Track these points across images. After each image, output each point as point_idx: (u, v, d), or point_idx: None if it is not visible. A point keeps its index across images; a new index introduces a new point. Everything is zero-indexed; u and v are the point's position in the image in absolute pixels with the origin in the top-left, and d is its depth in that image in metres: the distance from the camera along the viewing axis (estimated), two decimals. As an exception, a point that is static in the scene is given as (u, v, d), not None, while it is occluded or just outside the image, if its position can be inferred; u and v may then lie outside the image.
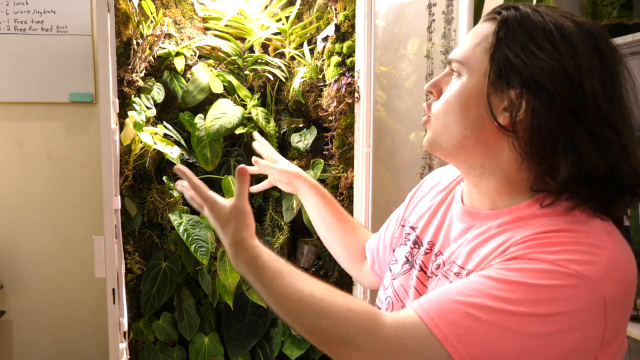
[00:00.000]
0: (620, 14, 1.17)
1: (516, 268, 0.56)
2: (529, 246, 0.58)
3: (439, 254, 0.74)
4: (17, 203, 1.97)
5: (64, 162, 2.00)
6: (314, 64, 2.01)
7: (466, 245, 0.68)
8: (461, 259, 0.67)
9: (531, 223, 0.61)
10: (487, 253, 0.63)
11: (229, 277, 1.87)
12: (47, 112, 1.97)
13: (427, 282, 0.74)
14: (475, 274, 0.60)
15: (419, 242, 0.80)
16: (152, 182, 1.94)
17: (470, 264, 0.65)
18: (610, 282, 0.55)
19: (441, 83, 0.70)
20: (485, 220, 0.68)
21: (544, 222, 0.61)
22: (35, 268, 2.00)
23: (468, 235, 0.69)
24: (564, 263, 0.55)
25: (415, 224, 0.84)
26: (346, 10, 1.87)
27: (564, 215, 0.60)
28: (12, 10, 1.90)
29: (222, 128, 1.89)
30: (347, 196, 1.93)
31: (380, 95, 1.83)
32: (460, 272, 0.66)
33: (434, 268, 0.73)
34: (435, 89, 0.71)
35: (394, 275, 0.82)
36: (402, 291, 0.79)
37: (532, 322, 0.54)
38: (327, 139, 1.97)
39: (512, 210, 0.65)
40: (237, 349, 1.98)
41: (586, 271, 0.54)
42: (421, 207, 0.85)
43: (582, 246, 0.56)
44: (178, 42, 2.01)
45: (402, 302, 0.78)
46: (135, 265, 1.90)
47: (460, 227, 0.72)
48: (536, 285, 0.54)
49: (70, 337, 2.05)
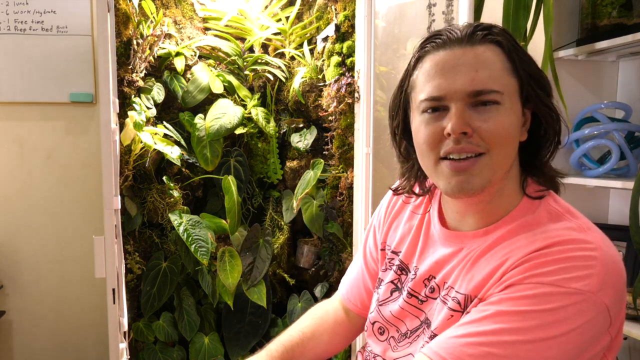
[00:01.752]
0: (620, 14, 1.17)
1: (520, 297, 0.58)
2: (525, 269, 0.60)
3: (431, 279, 0.74)
4: (17, 203, 1.97)
5: (64, 162, 2.00)
6: (314, 64, 2.01)
7: (458, 267, 0.69)
8: (457, 283, 0.68)
9: (520, 238, 0.64)
10: (484, 277, 0.64)
11: (229, 277, 1.87)
12: (47, 112, 1.97)
13: (422, 306, 0.74)
14: (481, 309, 0.61)
15: (405, 267, 0.80)
16: (152, 182, 1.94)
17: (467, 289, 0.66)
18: (608, 289, 0.58)
19: (468, 119, 0.65)
20: (472, 240, 0.70)
21: (530, 236, 0.64)
22: (35, 268, 2.00)
23: (458, 257, 0.70)
24: (563, 283, 0.57)
25: (397, 248, 0.83)
26: (346, 11, 1.87)
27: (545, 213, 0.67)
28: (12, 10, 1.90)
29: (222, 128, 1.89)
30: (347, 196, 1.93)
31: (380, 95, 1.83)
32: (457, 297, 0.67)
33: (429, 292, 0.74)
34: (468, 127, 0.65)
35: (380, 301, 0.82)
36: (393, 317, 0.78)
37: (547, 347, 0.56)
38: (327, 139, 1.97)
39: (499, 225, 0.68)
40: (237, 349, 1.98)
41: (585, 286, 0.57)
42: (399, 229, 0.84)
43: (575, 261, 0.59)
44: (178, 42, 2.01)
45: (395, 326, 0.78)
46: (135, 265, 1.90)
47: (449, 250, 0.73)
48: (543, 311, 0.57)
49: (70, 337, 2.05)
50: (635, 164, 1.19)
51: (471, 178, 0.65)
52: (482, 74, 0.64)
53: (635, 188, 0.95)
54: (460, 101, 0.64)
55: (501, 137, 0.64)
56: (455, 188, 0.66)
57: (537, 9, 1.15)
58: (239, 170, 2.01)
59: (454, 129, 0.64)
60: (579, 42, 1.26)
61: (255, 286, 1.94)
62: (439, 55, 0.67)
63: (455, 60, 0.65)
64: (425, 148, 0.69)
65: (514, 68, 0.66)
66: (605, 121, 1.21)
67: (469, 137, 0.64)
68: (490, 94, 0.64)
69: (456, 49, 0.66)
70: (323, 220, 1.95)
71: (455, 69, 0.65)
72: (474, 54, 0.65)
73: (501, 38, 0.66)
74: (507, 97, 0.65)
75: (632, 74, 1.33)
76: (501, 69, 0.65)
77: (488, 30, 0.67)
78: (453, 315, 0.66)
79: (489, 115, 0.64)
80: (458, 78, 0.65)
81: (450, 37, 0.67)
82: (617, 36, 1.12)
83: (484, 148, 0.64)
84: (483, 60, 0.65)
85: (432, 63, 0.67)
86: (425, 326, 0.73)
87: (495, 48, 0.66)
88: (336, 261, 1.97)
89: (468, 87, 0.64)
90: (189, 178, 2.02)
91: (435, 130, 0.67)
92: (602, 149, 1.29)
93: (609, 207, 1.38)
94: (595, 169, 1.21)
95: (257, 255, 1.97)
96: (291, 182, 2.08)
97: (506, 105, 0.64)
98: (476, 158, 0.65)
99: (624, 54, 1.26)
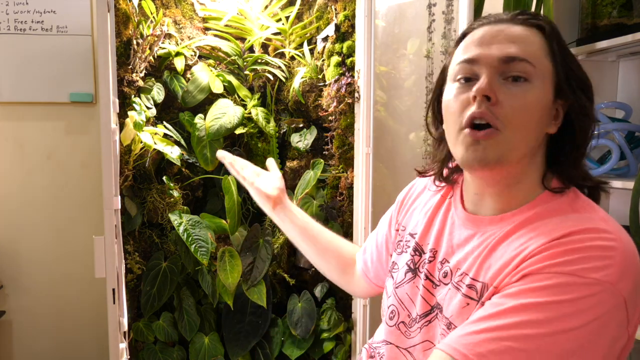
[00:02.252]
0: (620, 14, 1.17)
1: (539, 287, 0.57)
2: (544, 258, 0.59)
3: (444, 262, 0.74)
4: (17, 203, 1.97)
5: (64, 162, 2.00)
6: (314, 64, 2.01)
7: (474, 254, 0.68)
8: (473, 270, 0.67)
9: (539, 226, 0.63)
10: (501, 266, 0.63)
11: (229, 277, 1.87)
12: (47, 112, 1.97)
13: (434, 291, 0.74)
14: (498, 301, 0.60)
15: (420, 249, 0.80)
16: (152, 182, 1.94)
17: (483, 276, 0.65)
18: (627, 281, 0.57)
19: (496, 89, 0.64)
20: (489, 225, 0.70)
21: (550, 224, 0.62)
22: (35, 268, 2.00)
23: (473, 243, 0.70)
24: (582, 273, 0.56)
25: (413, 230, 0.83)
26: (346, 10, 1.87)
27: (566, 205, 0.66)
28: (12, 10, 1.90)
29: (222, 128, 1.89)
30: (347, 196, 1.93)
31: (380, 95, 1.83)
32: (474, 284, 0.66)
33: (442, 276, 0.73)
34: (493, 93, 0.64)
35: (397, 284, 0.81)
36: (408, 299, 0.78)
37: (567, 339, 0.55)
38: (327, 139, 1.97)
39: (516, 213, 0.67)
40: (237, 349, 1.98)
41: (605, 277, 0.56)
42: (417, 212, 0.85)
43: (595, 251, 0.57)
44: (178, 42, 2.01)
45: (407, 311, 0.78)
46: (135, 265, 1.90)
47: (465, 234, 0.72)
48: (562, 302, 0.56)
49: (70, 337, 2.05)
50: (635, 164, 1.19)
51: (486, 149, 0.65)
52: (518, 45, 0.64)
53: (635, 188, 0.95)
54: (491, 67, 0.65)
55: (521, 116, 0.63)
56: (471, 157, 0.66)
57: (537, 9, 1.15)
58: (239, 170, 2.00)
59: (479, 89, 0.64)
60: (579, 42, 1.26)
61: (255, 286, 1.94)
62: (481, 30, 0.68)
63: (494, 33, 0.66)
64: (451, 115, 0.69)
65: (552, 53, 0.65)
66: (605, 121, 1.21)
67: (492, 105, 0.64)
68: (522, 62, 0.63)
69: (499, 25, 0.67)
70: (323, 220, 1.95)
71: (493, 40, 0.66)
72: (515, 29, 0.66)
73: (544, 24, 0.67)
74: (539, 76, 0.64)
75: (632, 74, 1.33)
76: (538, 49, 0.65)
77: (533, 17, 0.68)
78: (469, 303, 0.65)
79: (517, 91, 0.64)
80: (494, 47, 0.65)
81: (495, 17, 0.69)
82: (617, 36, 1.12)
83: (500, 124, 0.64)
84: (522, 37, 0.65)
85: (474, 36, 0.69)
86: (437, 311, 0.72)
87: (537, 32, 0.66)
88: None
89: (502, 52, 0.64)
90: (189, 178, 2.02)
91: (464, 97, 0.67)
92: (602, 149, 1.29)
93: (609, 207, 1.38)
94: (595, 169, 1.21)
95: (257, 255, 1.97)
96: (291, 182, 2.08)
97: (536, 84, 0.64)
98: (493, 130, 0.64)
99: (624, 54, 1.26)
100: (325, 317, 1.95)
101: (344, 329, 1.94)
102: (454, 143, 0.69)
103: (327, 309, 1.97)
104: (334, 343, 1.94)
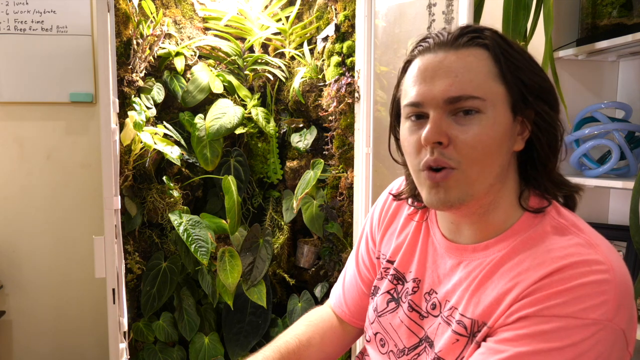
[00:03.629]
0: (620, 14, 1.17)
1: (537, 332, 0.56)
2: (537, 300, 0.58)
3: (432, 293, 0.72)
4: (17, 203, 1.97)
5: (64, 162, 2.00)
6: (314, 64, 2.01)
7: (462, 286, 0.67)
8: (462, 305, 0.66)
9: (525, 257, 0.62)
10: (491, 302, 0.62)
11: (229, 277, 1.87)
12: (47, 112, 1.97)
13: (422, 323, 0.72)
14: (496, 348, 0.59)
15: (401, 277, 0.78)
16: (152, 182, 1.94)
17: (472, 312, 0.64)
18: (623, 313, 0.57)
19: (446, 128, 0.62)
20: (473, 254, 0.68)
21: (536, 254, 0.61)
22: (35, 268, 2.00)
23: (460, 274, 0.68)
24: (580, 314, 0.55)
25: (392, 257, 0.81)
26: (346, 10, 1.87)
27: (550, 227, 0.63)
28: (12, 10, 1.90)
29: (222, 128, 1.89)
30: (347, 196, 1.93)
31: (380, 95, 1.83)
32: (462, 320, 0.65)
33: (430, 308, 0.71)
34: (444, 136, 0.61)
35: (379, 312, 0.80)
36: (392, 331, 0.77)
37: None
38: (327, 139, 1.97)
39: (500, 239, 0.66)
40: (237, 349, 1.98)
41: (602, 315, 0.55)
42: (394, 238, 0.82)
43: (589, 288, 0.56)
44: (178, 42, 2.01)
45: (394, 341, 0.76)
46: (135, 265, 1.90)
47: (450, 263, 0.71)
48: (564, 348, 0.55)
49: (70, 337, 2.05)
50: (635, 164, 1.19)
51: (447, 191, 0.63)
52: (462, 78, 0.61)
53: (635, 188, 0.95)
54: (438, 109, 0.62)
55: (477, 151, 0.61)
56: (434, 200, 0.64)
57: (537, 9, 1.15)
58: (239, 170, 2.01)
59: (425, 138, 0.62)
60: (579, 42, 1.26)
61: (255, 286, 1.94)
62: (423, 59, 0.65)
63: (436, 65, 0.63)
64: (408, 156, 0.67)
65: (501, 74, 0.62)
66: (605, 121, 1.21)
67: (444, 148, 0.61)
68: (469, 100, 0.60)
69: (439, 53, 0.63)
70: (323, 220, 1.95)
71: (435, 74, 0.62)
72: (456, 58, 0.62)
73: (489, 41, 0.62)
74: (491, 104, 0.61)
75: (632, 74, 1.33)
76: (485, 74, 0.61)
77: (477, 33, 0.63)
78: (459, 339, 0.64)
79: (470, 125, 0.61)
80: (437, 84, 0.62)
81: (435, 41, 0.64)
82: (617, 36, 1.11)
83: (455, 163, 0.61)
84: (465, 64, 0.61)
85: (416, 68, 0.65)
86: (426, 344, 0.71)
87: (482, 52, 0.62)
88: (336, 261, 1.97)
89: (445, 93, 0.61)
90: (189, 178, 2.02)
91: (417, 139, 0.64)
92: (602, 149, 1.29)
93: (609, 207, 1.38)
94: (595, 169, 1.21)
95: (257, 255, 1.97)
96: (291, 182, 2.08)
97: (489, 115, 0.61)
98: (449, 171, 0.62)
99: (624, 54, 1.26)
100: (325, 317, 1.95)
101: (344, 329, 1.94)
102: (417, 182, 0.68)
103: (327, 309, 1.97)
104: (334, 343, 1.94)
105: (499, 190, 0.66)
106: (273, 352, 0.84)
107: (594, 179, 1.20)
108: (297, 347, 0.86)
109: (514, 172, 0.67)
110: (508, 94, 0.62)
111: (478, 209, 0.66)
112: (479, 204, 0.66)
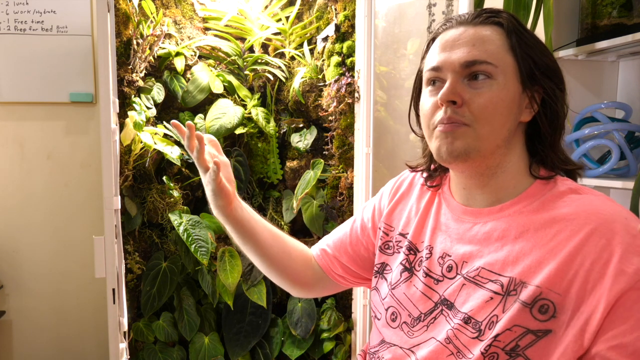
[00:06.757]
0: (620, 14, 1.17)
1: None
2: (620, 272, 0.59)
3: (444, 257, 0.74)
4: (17, 203, 1.97)
5: (64, 162, 2.00)
6: (314, 64, 2.01)
7: (486, 246, 0.69)
8: (496, 264, 0.67)
9: (561, 219, 0.65)
10: (533, 263, 0.64)
11: (229, 277, 1.87)
12: (47, 112, 1.97)
13: (437, 287, 0.74)
14: (624, 314, 0.59)
15: (414, 247, 0.81)
16: (152, 182, 1.94)
17: (510, 271, 0.66)
18: None
19: (460, 90, 0.68)
20: (489, 216, 0.71)
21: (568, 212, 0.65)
22: (35, 268, 2.00)
23: (478, 236, 0.71)
24: None
25: (404, 230, 0.84)
26: (346, 10, 1.87)
27: (564, 187, 0.69)
28: (12, 10, 1.90)
29: (222, 128, 1.89)
30: (347, 196, 1.93)
31: (380, 95, 1.83)
32: (498, 279, 0.66)
33: (445, 271, 0.74)
34: (458, 97, 0.68)
35: (392, 285, 0.82)
36: (406, 299, 0.78)
37: None
38: (327, 139, 1.97)
39: (515, 202, 0.70)
40: (237, 349, 1.98)
41: None
42: (404, 212, 0.85)
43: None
44: (178, 42, 2.01)
45: (407, 310, 0.78)
46: (135, 265, 1.90)
47: (463, 227, 0.74)
48: None
49: (70, 337, 2.05)
50: (635, 164, 1.19)
51: (454, 141, 0.68)
52: (478, 47, 0.68)
53: (635, 188, 0.95)
54: (454, 72, 0.69)
55: (488, 111, 0.67)
56: (442, 150, 0.69)
57: (537, 9, 1.15)
58: (239, 170, 2.01)
59: (441, 96, 0.68)
60: (579, 42, 1.26)
61: (255, 286, 1.94)
62: (445, 34, 0.73)
63: (456, 37, 0.70)
64: (424, 118, 0.73)
65: (513, 48, 0.68)
66: (605, 121, 1.21)
67: (458, 107, 0.68)
68: (483, 64, 0.67)
69: (460, 28, 0.71)
70: (323, 220, 1.95)
71: (454, 44, 0.70)
72: (474, 32, 0.70)
73: (504, 21, 0.70)
74: (502, 73, 0.67)
75: (632, 74, 1.33)
76: (498, 46, 0.68)
77: (494, 13, 0.71)
78: (493, 297, 0.66)
79: (481, 89, 0.67)
80: (455, 52, 0.69)
81: (457, 20, 0.73)
82: (617, 36, 1.11)
83: (468, 120, 0.67)
84: (481, 37, 0.69)
85: (438, 41, 0.73)
86: (443, 307, 0.72)
87: (497, 29, 0.70)
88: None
89: (462, 58, 0.68)
90: (189, 178, 2.02)
91: (434, 101, 0.71)
92: (602, 149, 1.29)
93: (609, 207, 1.38)
94: (595, 169, 1.21)
95: (257, 255, 1.97)
96: (291, 182, 2.08)
97: (499, 81, 0.67)
98: (460, 125, 0.68)
99: (624, 54, 1.26)
100: (325, 317, 1.95)
101: (344, 329, 1.94)
102: (429, 142, 0.73)
103: (327, 309, 1.97)
104: (334, 343, 1.95)
105: (505, 155, 0.71)
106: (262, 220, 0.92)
107: (594, 179, 1.20)
108: (281, 237, 0.93)
109: (520, 143, 0.73)
110: (518, 67, 0.68)
111: (485, 170, 0.71)
112: (485, 164, 0.70)
